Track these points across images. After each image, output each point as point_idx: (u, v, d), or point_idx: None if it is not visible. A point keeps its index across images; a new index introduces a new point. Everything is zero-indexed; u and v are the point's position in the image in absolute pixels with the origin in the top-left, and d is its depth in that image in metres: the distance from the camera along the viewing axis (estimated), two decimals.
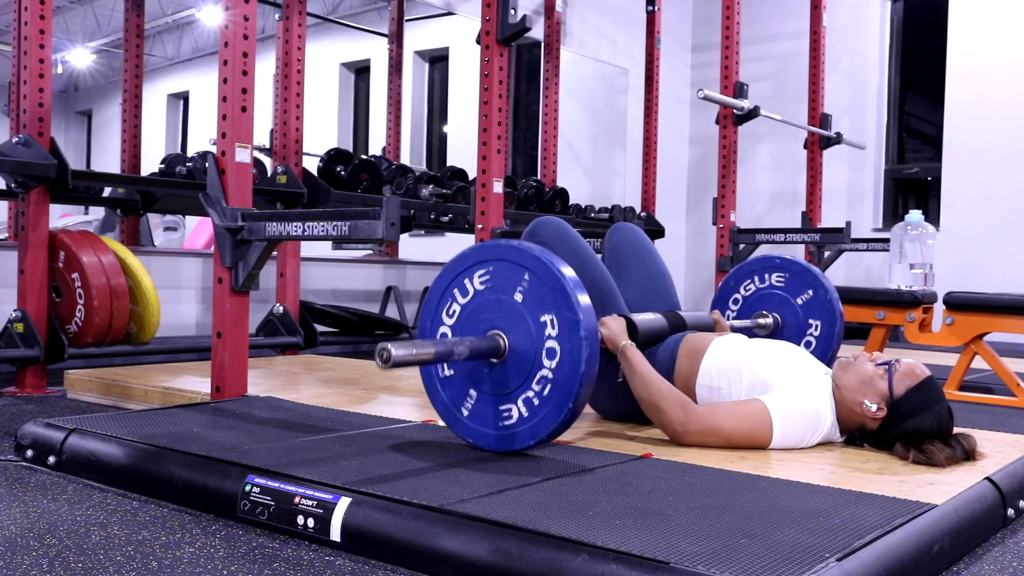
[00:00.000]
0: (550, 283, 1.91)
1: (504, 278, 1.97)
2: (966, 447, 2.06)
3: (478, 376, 2.02)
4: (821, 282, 3.01)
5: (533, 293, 1.93)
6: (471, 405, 2.04)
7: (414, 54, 8.87)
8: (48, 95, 3.26)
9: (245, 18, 2.71)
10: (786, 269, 3.06)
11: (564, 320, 1.89)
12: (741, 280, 3.15)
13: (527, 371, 1.94)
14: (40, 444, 2.13)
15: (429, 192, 4.84)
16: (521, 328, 1.95)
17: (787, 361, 2.25)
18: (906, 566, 1.42)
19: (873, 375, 2.13)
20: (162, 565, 1.46)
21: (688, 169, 7.92)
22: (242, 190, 2.71)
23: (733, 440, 2.12)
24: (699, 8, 7.75)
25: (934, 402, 2.09)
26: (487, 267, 2.00)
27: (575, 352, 1.88)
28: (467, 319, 2.03)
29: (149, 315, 3.63)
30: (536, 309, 1.93)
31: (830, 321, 2.98)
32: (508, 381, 1.97)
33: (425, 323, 2.11)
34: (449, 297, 2.06)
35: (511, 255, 1.96)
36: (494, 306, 1.99)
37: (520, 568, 1.36)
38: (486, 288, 2.00)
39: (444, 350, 1.87)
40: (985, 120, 6.39)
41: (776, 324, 3.06)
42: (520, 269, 1.95)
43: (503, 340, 1.97)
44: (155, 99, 12.30)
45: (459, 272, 2.05)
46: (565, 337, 1.89)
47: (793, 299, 3.04)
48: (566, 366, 1.89)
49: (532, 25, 3.57)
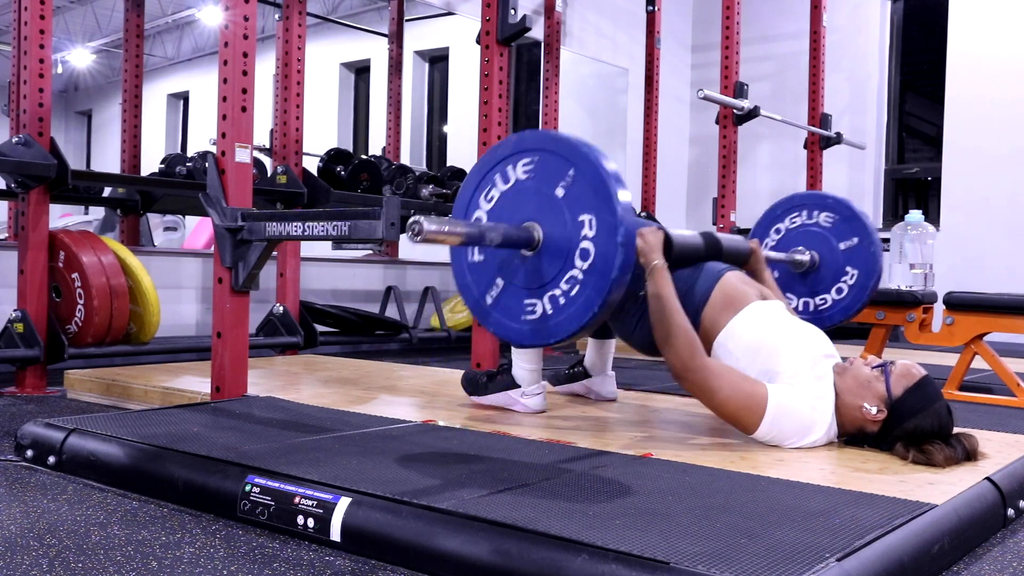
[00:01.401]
0: (594, 182, 1.83)
1: (548, 170, 1.90)
2: (967, 447, 2.06)
3: (508, 266, 1.95)
4: (869, 232, 2.96)
5: (575, 190, 1.86)
6: (496, 294, 1.98)
7: (414, 54, 8.88)
8: (48, 95, 3.26)
9: (245, 18, 2.71)
10: (837, 211, 3.01)
11: (603, 223, 1.82)
12: (789, 211, 3.09)
13: (558, 268, 1.88)
14: (40, 444, 2.13)
15: (429, 192, 4.84)
16: (558, 224, 1.88)
17: (807, 360, 2.19)
18: (906, 566, 1.42)
19: (870, 378, 2.12)
20: (162, 565, 1.46)
21: (688, 169, 7.92)
22: (242, 190, 2.71)
23: (723, 408, 2.12)
24: (699, 8, 7.75)
25: (932, 401, 2.09)
26: (533, 156, 1.93)
27: (609, 256, 1.81)
28: (505, 206, 1.96)
29: (149, 315, 3.63)
30: (576, 207, 1.86)
31: (867, 273, 2.94)
32: (538, 275, 1.90)
33: (461, 204, 2.04)
34: (489, 182, 1.99)
35: (559, 147, 1.89)
36: (534, 197, 1.91)
37: (520, 568, 1.36)
38: (528, 177, 1.93)
39: (476, 232, 1.81)
40: (985, 120, 6.39)
41: (812, 262, 3.00)
42: (566, 163, 1.87)
43: (538, 232, 1.90)
44: (155, 99, 12.30)
45: (503, 157, 1.97)
46: (602, 240, 1.82)
47: (837, 241, 3.00)
48: (598, 269, 1.83)
49: (532, 25, 3.57)
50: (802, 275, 3.05)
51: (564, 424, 2.47)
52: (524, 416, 2.56)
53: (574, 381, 2.95)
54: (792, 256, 3.00)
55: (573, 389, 2.95)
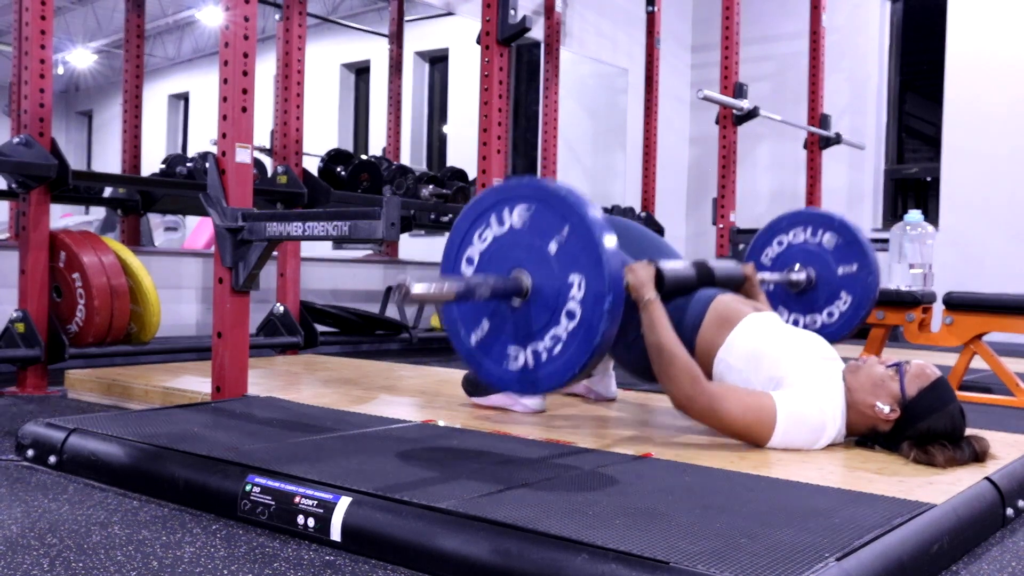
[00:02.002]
0: (587, 244, 1.83)
1: (544, 222, 1.90)
2: (977, 449, 2.04)
3: (496, 311, 1.96)
4: (870, 261, 2.94)
5: (568, 248, 1.86)
6: (481, 336, 1.99)
7: (414, 54, 8.88)
8: (49, 95, 3.26)
9: (245, 18, 2.71)
10: (842, 234, 2.99)
11: (592, 287, 1.83)
12: (793, 225, 3.07)
13: (543, 323, 1.88)
14: (41, 444, 2.13)
15: (429, 192, 4.84)
16: (548, 277, 1.88)
17: (810, 363, 2.19)
18: (905, 566, 1.42)
19: (884, 377, 2.11)
20: (162, 565, 1.46)
21: (688, 169, 7.92)
22: (242, 190, 2.71)
23: (733, 428, 2.10)
24: (699, 8, 7.75)
25: (947, 403, 2.08)
26: (530, 205, 1.92)
27: (594, 323, 1.82)
28: (497, 250, 1.96)
29: (149, 315, 3.63)
30: (567, 264, 1.86)
31: (860, 303, 2.92)
32: (523, 326, 1.91)
33: (456, 238, 2.05)
34: (484, 222, 1.99)
35: (557, 203, 1.89)
36: (526, 247, 1.92)
37: (520, 568, 1.36)
38: (523, 226, 1.93)
39: (465, 288, 1.82)
40: (984, 120, 6.39)
41: (808, 281, 2.99)
42: (562, 219, 1.87)
43: (527, 283, 1.90)
44: (156, 99, 12.31)
45: (500, 200, 1.97)
46: (588, 305, 1.83)
47: (835, 265, 2.98)
48: (582, 332, 1.83)
49: (532, 25, 3.57)
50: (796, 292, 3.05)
51: (564, 424, 2.47)
52: (524, 416, 2.56)
53: None
54: (788, 276, 3.00)
55: (573, 389, 2.95)
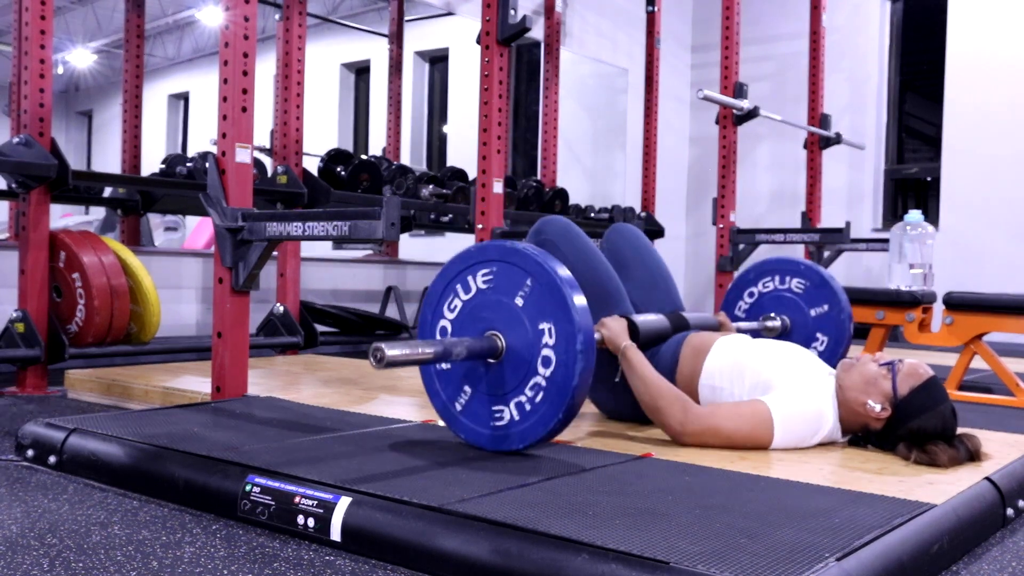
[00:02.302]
0: (551, 292, 1.91)
1: (507, 280, 1.98)
2: (970, 448, 2.06)
3: (474, 374, 2.03)
4: (839, 300, 3.00)
5: (534, 299, 1.94)
6: (465, 401, 2.05)
7: (414, 54, 8.88)
8: (49, 95, 3.26)
9: (245, 18, 2.71)
10: (808, 278, 3.05)
11: (562, 331, 1.90)
12: (762, 275, 3.13)
13: (522, 375, 1.95)
14: (41, 444, 2.13)
15: (429, 192, 4.84)
16: (519, 332, 1.95)
17: (790, 362, 2.25)
18: (905, 566, 1.42)
19: (877, 375, 2.12)
20: (162, 565, 1.46)
21: (688, 169, 7.92)
22: (242, 190, 2.72)
23: (733, 440, 2.12)
24: (699, 8, 7.75)
25: (938, 402, 2.09)
26: (491, 267, 2.01)
27: (569, 364, 1.88)
28: (468, 316, 2.04)
29: (149, 315, 3.63)
30: (535, 315, 1.94)
31: (837, 340, 2.99)
32: (503, 383, 1.98)
33: (427, 314, 2.12)
34: (452, 292, 2.07)
35: (515, 259, 1.97)
36: (495, 307, 1.99)
37: (520, 568, 1.36)
38: (488, 288, 2.01)
39: (441, 350, 1.88)
40: (985, 120, 6.39)
41: (784, 328, 3.05)
42: (523, 273, 1.95)
43: (500, 342, 1.98)
44: (155, 99, 12.31)
45: (464, 268, 2.06)
46: (562, 348, 1.90)
47: (807, 308, 3.04)
48: (559, 376, 1.90)
49: (532, 25, 3.57)
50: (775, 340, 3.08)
51: None
52: None
53: None
54: (764, 324, 3.06)
55: None
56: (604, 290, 2.42)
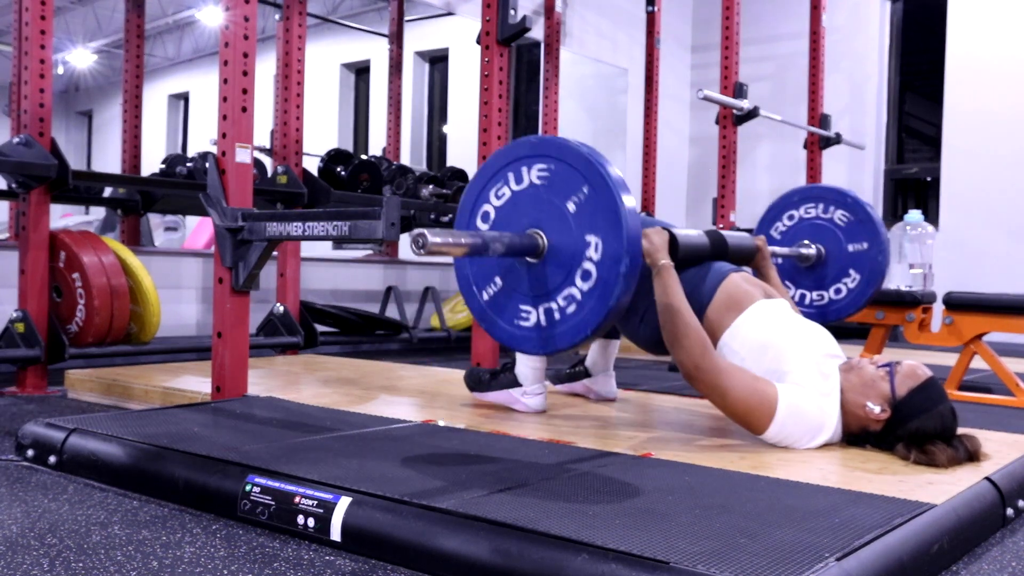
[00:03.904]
0: (607, 205, 1.81)
1: (563, 181, 1.87)
2: (969, 448, 2.05)
3: (509, 268, 1.95)
4: (881, 240, 2.93)
5: (587, 208, 1.83)
6: (494, 292, 1.98)
7: (414, 54, 8.88)
8: (49, 95, 3.26)
9: (245, 18, 2.71)
10: (854, 212, 2.98)
11: (609, 249, 1.80)
12: (805, 200, 3.07)
13: (558, 282, 1.87)
14: (41, 444, 2.13)
15: (429, 192, 4.84)
16: (564, 237, 1.86)
17: (814, 360, 2.19)
18: (905, 566, 1.42)
19: (875, 377, 2.12)
20: (162, 565, 1.46)
21: (688, 169, 7.92)
22: (242, 190, 2.72)
23: (733, 407, 2.11)
24: (699, 8, 7.75)
25: (937, 403, 2.08)
26: (550, 164, 1.90)
27: (610, 284, 1.80)
28: (513, 207, 1.94)
29: (149, 315, 3.63)
30: (585, 225, 1.84)
31: (869, 281, 2.92)
32: (537, 284, 1.90)
33: (471, 195, 2.03)
34: (502, 179, 1.97)
35: (578, 162, 1.86)
36: (544, 205, 1.89)
37: (520, 568, 1.36)
38: (542, 184, 1.91)
39: (481, 243, 1.80)
40: (984, 120, 6.39)
41: (819, 256, 2.98)
42: (581, 179, 1.85)
43: (542, 242, 1.88)
44: (155, 99, 12.31)
45: (518, 157, 1.95)
46: (605, 266, 1.81)
47: (846, 242, 2.98)
48: (597, 293, 1.82)
49: (532, 25, 3.57)
50: (805, 268, 3.05)
51: (564, 424, 2.47)
52: (524, 416, 2.56)
53: (575, 380, 2.95)
54: (798, 251, 2.99)
55: (574, 388, 2.95)
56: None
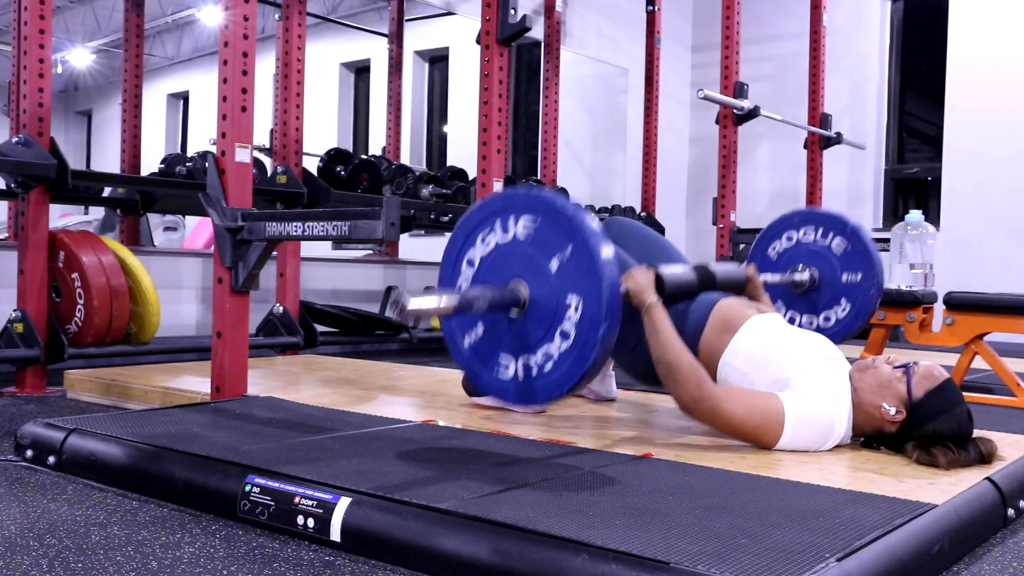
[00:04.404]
0: (589, 268, 1.83)
1: (548, 238, 1.89)
2: (983, 451, 2.03)
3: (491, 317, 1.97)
4: (875, 272, 2.92)
5: (569, 268, 1.85)
6: (475, 339, 2.00)
7: (414, 54, 8.88)
8: (48, 95, 3.26)
9: (245, 18, 2.71)
10: (852, 242, 2.97)
11: (588, 311, 1.82)
12: (805, 223, 3.06)
13: (538, 338, 1.88)
14: (40, 444, 2.12)
15: (429, 192, 4.84)
16: (546, 294, 1.88)
17: (816, 364, 2.18)
18: (906, 566, 1.42)
19: (891, 378, 2.10)
20: (162, 565, 1.46)
21: (688, 169, 7.92)
22: (242, 190, 2.71)
23: (740, 430, 2.09)
24: (699, 8, 7.75)
25: (954, 405, 2.06)
26: (536, 218, 1.92)
27: (587, 346, 1.82)
28: (498, 257, 1.96)
29: (149, 315, 3.63)
30: (567, 285, 1.85)
31: (859, 314, 2.91)
32: (517, 337, 1.91)
33: (457, 240, 2.05)
34: (489, 225, 1.99)
35: (562, 221, 1.88)
36: (528, 260, 1.91)
37: (520, 568, 1.36)
38: (527, 239, 1.92)
39: (463, 302, 1.83)
40: (985, 120, 6.39)
41: (812, 281, 2.97)
42: (566, 239, 1.87)
43: (524, 295, 1.90)
44: (155, 99, 12.30)
45: (507, 207, 1.97)
46: (583, 328, 1.83)
47: (841, 271, 2.97)
48: (573, 354, 1.84)
49: (532, 25, 3.57)
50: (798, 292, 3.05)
51: (564, 424, 2.47)
52: (524, 416, 2.56)
53: None
54: (791, 278, 2.99)
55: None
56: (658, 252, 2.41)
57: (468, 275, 2.03)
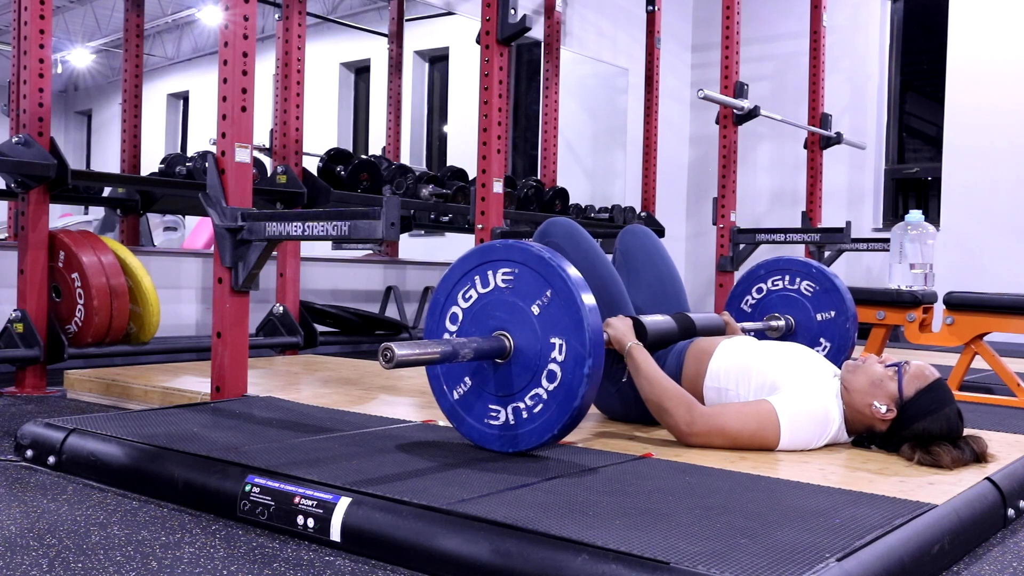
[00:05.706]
0: (570, 309, 1.89)
1: (527, 285, 1.95)
2: (976, 449, 2.05)
3: (478, 369, 2.01)
4: (846, 308, 3.00)
5: (551, 312, 1.91)
6: (463, 392, 2.04)
7: (414, 54, 8.87)
8: (48, 95, 3.26)
9: (245, 18, 2.71)
10: (819, 282, 3.05)
11: (573, 351, 1.88)
12: (772, 273, 3.12)
13: (525, 382, 1.94)
14: (40, 444, 2.13)
15: (429, 192, 4.83)
16: (530, 339, 1.94)
17: (796, 362, 2.24)
18: (906, 566, 1.42)
19: (883, 376, 2.12)
20: (162, 565, 1.46)
21: (688, 169, 7.92)
22: (242, 190, 2.71)
23: (739, 441, 2.12)
24: (699, 8, 7.74)
25: (944, 404, 2.08)
26: (514, 268, 1.97)
27: (574, 385, 1.88)
28: (481, 310, 2.01)
29: (149, 315, 3.63)
30: (549, 329, 1.92)
31: (840, 348, 2.99)
32: (504, 385, 1.97)
33: (440, 297, 2.10)
34: (469, 281, 2.04)
35: (540, 266, 1.94)
36: (509, 308, 1.97)
37: (520, 568, 1.36)
38: (507, 288, 1.98)
39: (450, 351, 1.87)
40: (985, 120, 6.39)
41: (789, 328, 3.05)
42: (545, 283, 1.93)
43: (509, 343, 1.96)
44: (155, 99, 12.30)
45: (485, 261, 2.02)
46: (569, 367, 1.88)
47: (814, 312, 3.04)
48: (562, 394, 1.89)
49: (532, 25, 3.57)
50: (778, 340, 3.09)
51: None
52: None
53: None
54: (768, 324, 3.06)
55: None
56: (607, 291, 2.42)
57: (452, 330, 2.08)
